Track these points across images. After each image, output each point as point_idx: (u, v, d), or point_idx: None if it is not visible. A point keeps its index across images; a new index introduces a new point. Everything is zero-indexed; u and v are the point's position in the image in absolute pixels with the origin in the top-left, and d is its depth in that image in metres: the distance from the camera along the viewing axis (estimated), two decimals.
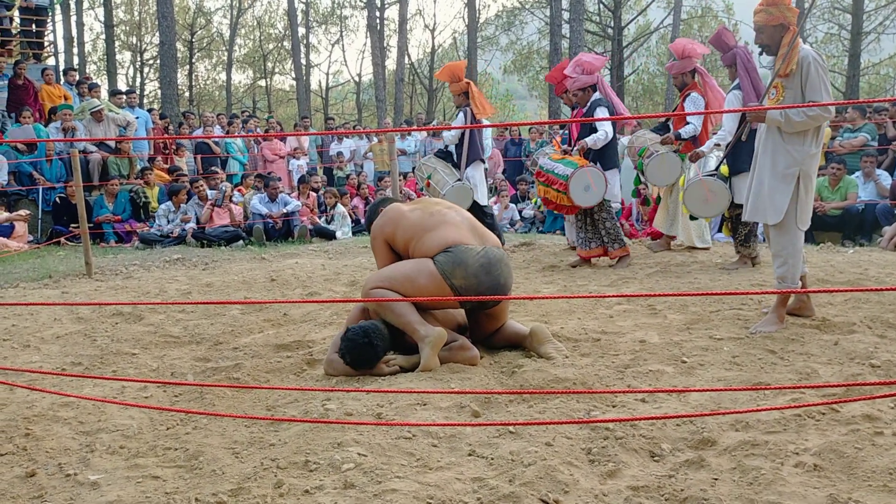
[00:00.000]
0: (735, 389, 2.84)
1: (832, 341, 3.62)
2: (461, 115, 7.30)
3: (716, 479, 2.20)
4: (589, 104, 6.31)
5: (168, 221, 9.94)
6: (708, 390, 2.69)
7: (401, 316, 3.34)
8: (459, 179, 7.10)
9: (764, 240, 8.41)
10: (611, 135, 6.25)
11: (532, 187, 10.42)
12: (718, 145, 5.86)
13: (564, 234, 8.31)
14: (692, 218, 6.52)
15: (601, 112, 6.17)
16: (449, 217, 3.55)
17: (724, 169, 5.77)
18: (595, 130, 6.24)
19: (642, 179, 6.97)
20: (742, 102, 5.61)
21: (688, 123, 6.41)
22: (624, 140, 8.11)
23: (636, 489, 2.16)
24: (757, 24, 3.94)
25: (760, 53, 4.08)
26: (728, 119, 5.73)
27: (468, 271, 3.33)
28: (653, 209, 7.50)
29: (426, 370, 3.26)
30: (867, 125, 9.78)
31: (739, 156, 5.63)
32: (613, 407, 2.83)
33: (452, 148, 7.33)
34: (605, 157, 6.29)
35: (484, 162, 7.55)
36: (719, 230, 7.64)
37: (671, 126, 6.72)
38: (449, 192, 6.85)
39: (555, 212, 6.38)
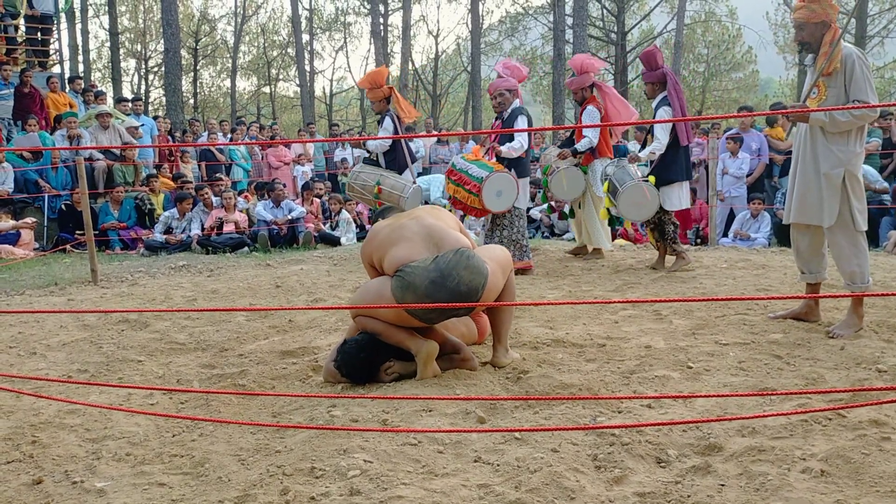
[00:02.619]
0: (741, 395, 2.84)
1: (838, 346, 3.61)
2: (388, 119, 7.28)
3: (722, 485, 2.19)
4: (510, 111, 6.26)
5: (165, 227, 9.92)
6: (714, 396, 2.69)
7: (388, 338, 3.35)
8: (414, 182, 7.25)
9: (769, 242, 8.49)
10: (526, 146, 6.26)
11: (539, 191, 10.44)
12: (654, 154, 6.12)
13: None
14: (611, 223, 6.83)
15: (521, 121, 6.18)
16: (406, 231, 3.39)
17: (652, 179, 6.07)
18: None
19: (548, 195, 7.24)
20: (672, 117, 5.96)
21: (584, 137, 6.74)
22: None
23: (643, 495, 2.16)
24: (797, 20, 3.88)
25: (799, 51, 3.99)
26: (660, 132, 6.04)
27: (417, 293, 3.19)
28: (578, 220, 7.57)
29: (421, 379, 3.29)
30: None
31: (667, 167, 6.06)
32: (619, 413, 2.82)
33: (379, 156, 7.28)
34: (519, 166, 6.23)
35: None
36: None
37: (574, 140, 7.00)
38: (412, 195, 6.94)
39: (461, 212, 6.37)
